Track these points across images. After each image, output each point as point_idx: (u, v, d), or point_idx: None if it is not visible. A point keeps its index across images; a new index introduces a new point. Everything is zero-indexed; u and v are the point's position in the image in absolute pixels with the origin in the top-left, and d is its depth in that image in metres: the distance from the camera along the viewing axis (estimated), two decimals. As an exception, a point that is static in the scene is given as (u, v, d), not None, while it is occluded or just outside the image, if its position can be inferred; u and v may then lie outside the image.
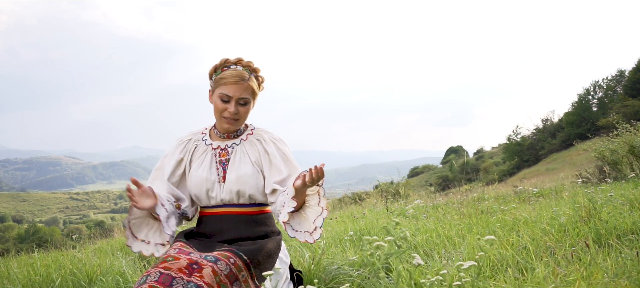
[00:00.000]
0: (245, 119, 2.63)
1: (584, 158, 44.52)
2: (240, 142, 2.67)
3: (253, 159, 2.62)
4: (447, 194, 19.86)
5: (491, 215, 5.61)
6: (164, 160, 2.71)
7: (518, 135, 68.73)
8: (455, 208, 6.90)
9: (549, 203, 6.66)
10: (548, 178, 30.63)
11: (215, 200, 2.62)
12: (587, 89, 66.67)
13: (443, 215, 6.00)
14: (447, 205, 8.37)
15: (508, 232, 4.06)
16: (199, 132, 2.78)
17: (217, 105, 2.58)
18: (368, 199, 12.92)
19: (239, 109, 2.57)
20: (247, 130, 2.73)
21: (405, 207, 8.19)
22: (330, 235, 4.74)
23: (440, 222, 4.94)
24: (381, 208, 8.83)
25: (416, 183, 56.15)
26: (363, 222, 5.99)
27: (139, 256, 4.65)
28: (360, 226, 5.25)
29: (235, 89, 2.54)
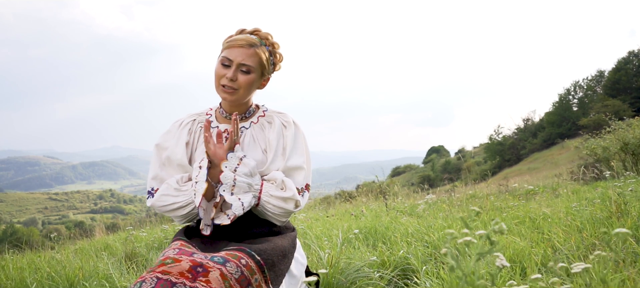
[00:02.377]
0: (247, 92, 2.23)
1: (565, 158, 44.92)
2: (250, 126, 2.30)
3: (263, 146, 2.26)
4: (429, 193, 19.61)
5: (500, 212, 5.32)
6: (169, 146, 2.29)
7: (499, 135, 69.26)
8: (458, 205, 6.60)
9: (556, 201, 6.42)
10: (531, 177, 30.67)
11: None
12: (567, 88, 67.37)
13: (449, 212, 5.68)
14: (442, 202, 8.07)
15: (530, 229, 3.74)
16: (203, 112, 2.39)
17: (217, 71, 2.20)
18: (358, 197, 12.60)
19: (238, 76, 2.18)
20: (259, 111, 2.35)
21: (402, 204, 7.87)
22: (335, 234, 4.39)
23: (449, 219, 4.61)
24: (375, 205, 8.53)
25: (398, 183, 55.95)
26: (363, 219, 5.65)
27: (125, 256, 4.25)
28: (363, 223, 4.90)
29: (238, 52, 2.18)
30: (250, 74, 2.19)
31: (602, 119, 13.11)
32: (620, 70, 58.55)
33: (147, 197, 2.22)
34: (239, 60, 2.16)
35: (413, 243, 3.59)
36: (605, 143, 13.00)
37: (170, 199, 2.15)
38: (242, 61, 2.17)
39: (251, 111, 2.33)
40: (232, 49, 2.18)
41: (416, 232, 4.02)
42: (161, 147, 2.28)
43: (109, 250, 4.75)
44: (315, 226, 5.25)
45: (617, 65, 59.69)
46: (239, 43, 2.18)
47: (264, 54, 2.23)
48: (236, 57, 2.16)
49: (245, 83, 2.18)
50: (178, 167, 2.23)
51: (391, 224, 4.53)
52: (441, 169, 70.62)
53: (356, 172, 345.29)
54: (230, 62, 2.17)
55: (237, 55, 2.17)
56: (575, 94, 66.76)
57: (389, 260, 3.18)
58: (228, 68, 2.17)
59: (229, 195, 2.07)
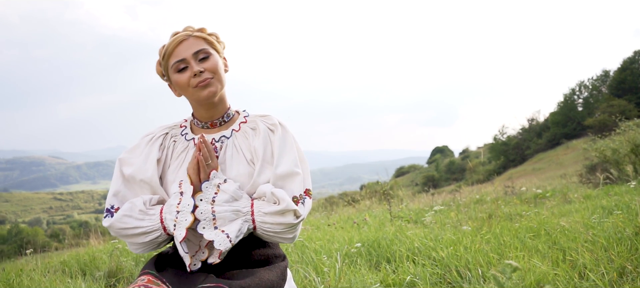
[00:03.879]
0: (221, 76, 1.91)
1: (570, 158, 44.60)
2: (231, 134, 1.97)
3: (248, 156, 1.92)
4: (434, 194, 19.33)
5: (511, 221, 5.03)
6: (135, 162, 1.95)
7: (504, 135, 68.83)
8: (465, 212, 6.30)
9: (569, 208, 6.12)
10: (536, 178, 30.37)
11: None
12: (572, 88, 66.96)
13: (457, 220, 5.37)
14: (449, 208, 7.76)
15: (547, 245, 3.43)
16: (177, 124, 2.06)
17: (179, 81, 1.89)
18: (362, 201, 12.28)
19: (202, 65, 1.87)
20: (240, 117, 2.02)
21: (407, 211, 7.57)
22: (334, 248, 4.08)
23: (458, 231, 4.30)
24: (379, 211, 8.23)
25: (402, 183, 55.85)
26: (366, 229, 5.34)
27: (108, 274, 3.95)
28: (366, 235, 4.59)
29: (184, 46, 1.88)
30: (211, 57, 1.89)
31: (607, 119, 12.82)
32: (626, 69, 58.13)
33: (105, 215, 1.88)
34: (191, 51, 1.87)
35: (420, 262, 3.27)
36: (614, 144, 12.68)
37: (132, 222, 1.82)
38: (194, 50, 1.87)
39: (230, 115, 2.01)
40: (177, 49, 1.88)
41: (423, 246, 3.71)
42: (125, 162, 1.94)
43: (94, 264, 4.45)
44: (315, 237, 4.94)
45: (622, 64, 59.26)
46: (178, 39, 1.88)
47: (203, 33, 1.93)
48: (186, 51, 1.87)
49: (213, 66, 1.88)
50: (144, 186, 1.90)
51: (396, 237, 4.22)
52: (445, 169, 70.35)
53: (360, 172, 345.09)
54: (184, 62, 1.87)
55: (185, 49, 1.87)
56: (581, 94, 66.34)
57: (394, 284, 2.87)
58: (186, 70, 1.87)
59: (210, 232, 1.76)
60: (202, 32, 1.92)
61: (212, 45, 1.92)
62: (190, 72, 1.84)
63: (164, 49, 1.91)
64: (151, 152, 1.96)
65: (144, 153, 1.96)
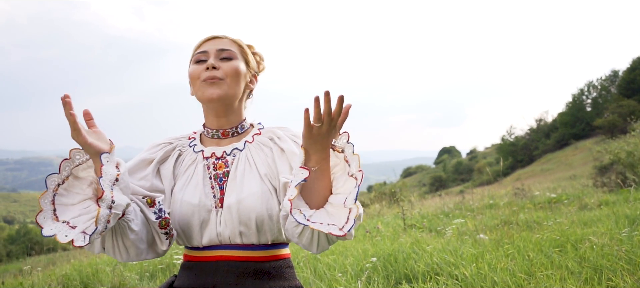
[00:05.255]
0: (236, 84, 1.72)
1: (579, 159, 44.26)
2: (244, 146, 1.76)
3: (263, 171, 1.70)
4: (442, 196, 19.13)
5: (531, 230, 4.82)
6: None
7: (512, 136, 68.46)
8: (479, 217, 6.09)
9: (589, 215, 5.90)
10: (545, 179, 30.07)
11: (209, 237, 1.68)
12: (581, 89, 66.55)
13: (474, 229, 5.16)
14: (462, 214, 7.55)
15: (576, 262, 3.21)
16: (185, 136, 1.87)
17: (192, 72, 1.73)
18: (371, 205, 12.07)
19: (220, 64, 1.70)
20: (253, 129, 1.82)
21: (420, 217, 7.36)
22: (348, 262, 3.87)
23: (477, 243, 4.09)
24: (390, 217, 8.03)
25: (410, 184, 55.70)
26: (379, 239, 5.13)
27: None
28: (381, 247, 4.38)
29: (214, 42, 1.74)
30: (234, 60, 1.72)
31: (617, 119, 12.61)
32: (635, 69, 57.60)
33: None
34: (216, 47, 1.72)
35: (443, 282, 3.07)
36: (629, 147, 12.44)
37: None
38: (220, 47, 1.72)
39: (244, 127, 1.81)
40: (204, 44, 1.74)
41: (443, 262, 3.50)
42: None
43: (97, 278, 4.26)
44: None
45: (631, 64, 58.75)
46: (209, 37, 1.75)
47: (242, 43, 1.79)
48: (211, 47, 1.72)
49: (230, 69, 1.70)
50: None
51: (413, 250, 4.01)
52: (453, 170, 70.12)
53: (367, 172, 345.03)
54: (205, 54, 1.71)
55: (211, 45, 1.73)
56: (589, 94, 65.86)
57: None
58: (204, 63, 1.71)
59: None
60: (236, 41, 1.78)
61: (243, 54, 1.76)
62: (206, 64, 1.69)
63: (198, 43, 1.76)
64: (140, 156, 1.77)
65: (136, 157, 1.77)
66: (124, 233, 1.57)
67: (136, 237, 1.59)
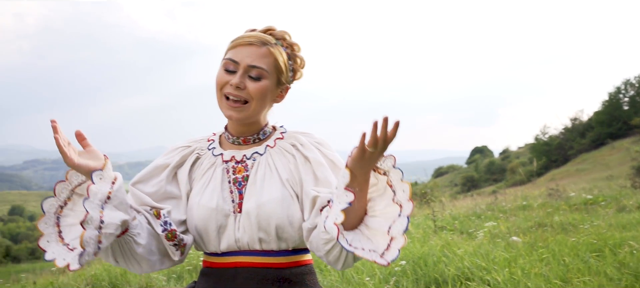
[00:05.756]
0: (260, 105, 1.64)
1: (616, 159, 43.27)
2: (265, 150, 1.70)
3: (284, 176, 1.64)
4: (473, 196, 18.89)
5: (566, 233, 4.67)
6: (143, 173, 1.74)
7: (546, 135, 67.25)
8: (511, 219, 5.94)
9: (629, 218, 5.70)
10: (580, 180, 29.42)
11: (227, 242, 1.64)
12: (618, 87, 65.01)
13: (506, 231, 5.02)
14: (494, 215, 7.39)
15: (616, 269, 3.08)
16: (204, 138, 1.81)
17: (218, 78, 1.63)
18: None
19: (246, 82, 1.60)
20: (276, 133, 1.76)
21: (450, 219, 7.22)
22: (376, 266, 3.79)
23: (510, 246, 3.97)
24: (421, 218, 7.90)
25: (441, 184, 55.27)
26: (409, 240, 5.04)
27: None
28: (410, 249, 4.29)
29: (247, 51, 1.60)
30: (263, 80, 1.61)
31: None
32: (675, 67, 56.03)
33: None
34: (248, 61, 1.59)
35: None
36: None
37: None
38: (252, 63, 1.59)
39: (266, 132, 1.74)
40: (239, 49, 1.61)
41: (475, 266, 3.39)
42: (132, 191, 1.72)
43: (125, 278, 4.27)
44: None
45: (671, 62, 57.19)
46: (247, 40, 1.61)
47: (281, 55, 1.65)
48: (244, 57, 1.59)
49: (257, 92, 1.60)
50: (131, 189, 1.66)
51: (443, 253, 3.91)
52: (485, 170, 69.24)
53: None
54: (235, 65, 1.60)
55: (245, 55, 1.60)
56: (627, 92, 64.30)
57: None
58: (233, 74, 1.60)
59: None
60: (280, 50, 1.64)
61: (277, 68, 1.64)
62: (233, 79, 1.59)
63: (235, 38, 1.66)
64: (157, 161, 1.73)
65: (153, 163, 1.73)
66: (130, 247, 1.54)
67: (144, 250, 1.55)
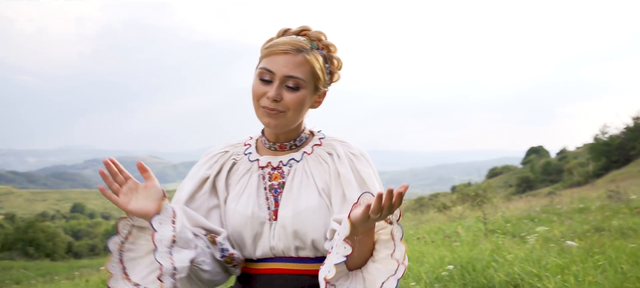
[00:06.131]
0: (297, 115, 1.60)
1: (682, 160, 41.37)
2: (302, 157, 1.67)
3: (320, 185, 1.61)
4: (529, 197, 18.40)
5: (625, 238, 4.46)
6: (184, 182, 1.72)
7: (605, 135, 64.95)
8: (567, 222, 5.73)
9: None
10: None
11: (262, 249, 1.62)
12: (684, 84, 62.16)
13: (560, 235, 4.85)
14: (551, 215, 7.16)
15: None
16: (241, 142, 1.78)
17: (255, 88, 1.59)
18: (453, 207, 11.72)
19: (283, 93, 1.56)
20: (314, 139, 1.72)
21: (503, 222, 7.03)
22: (422, 269, 3.72)
23: (564, 251, 3.82)
24: (472, 221, 7.73)
25: (495, 184, 54.11)
26: (458, 244, 4.92)
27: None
28: (459, 253, 4.18)
29: (282, 61, 1.54)
30: (300, 90, 1.56)
31: None
32: None
33: None
34: (284, 72, 1.54)
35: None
36: None
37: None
38: (288, 73, 1.54)
39: (303, 138, 1.70)
40: (274, 57, 1.56)
41: (525, 273, 3.28)
42: (179, 188, 1.71)
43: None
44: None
45: None
46: (281, 48, 1.55)
47: (317, 61, 1.59)
48: (279, 67, 1.54)
49: (293, 103, 1.56)
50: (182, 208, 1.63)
51: (492, 258, 3.80)
52: (541, 171, 67.45)
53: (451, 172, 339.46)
54: (271, 75, 1.55)
55: (280, 65, 1.55)
56: (693, 89, 61.42)
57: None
58: (269, 83, 1.56)
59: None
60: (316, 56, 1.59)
61: (314, 78, 1.59)
62: (269, 90, 1.55)
63: (268, 43, 1.62)
64: (199, 172, 1.71)
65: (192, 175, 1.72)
66: (197, 275, 1.55)
67: (210, 274, 1.56)
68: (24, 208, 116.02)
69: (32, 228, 44.84)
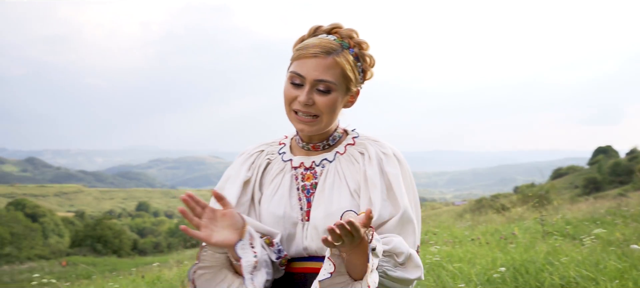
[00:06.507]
0: (331, 118, 1.59)
1: None
2: (335, 157, 1.65)
3: (353, 185, 1.59)
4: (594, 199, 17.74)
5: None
6: (225, 185, 1.71)
7: (680, 134, 61.92)
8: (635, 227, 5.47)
9: None
10: None
11: (296, 249, 1.61)
12: None
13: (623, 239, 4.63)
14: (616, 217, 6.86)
15: None
16: (275, 141, 1.79)
17: (286, 92, 1.58)
18: (513, 209, 11.41)
19: (314, 97, 1.55)
20: (347, 138, 1.70)
21: (563, 223, 6.79)
22: (473, 272, 3.63)
23: (626, 255, 3.64)
24: (531, 222, 7.49)
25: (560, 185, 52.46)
26: (514, 246, 4.78)
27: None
28: (513, 255, 4.06)
29: (312, 64, 1.53)
30: (331, 93, 1.55)
31: None
32: None
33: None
34: (314, 76, 1.53)
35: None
36: None
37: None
38: (318, 77, 1.53)
39: (337, 138, 1.69)
40: (303, 61, 1.55)
41: (581, 276, 3.15)
42: (220, 190, 1.70)
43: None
44: (455, 255, 4.50)
45: None
46: (311, 51, 1.54)
47: (348, 62, 1.57)
48: (310, 71, 1.53)
49: (325, 106, 1.55)
50: None
51: (547, 260, 3.67)
52: (609, 171, 64.94)
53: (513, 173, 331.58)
54: (301, 79, 1.55)
55: (310, 69, 1.53)
56: None
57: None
58: (300, 88, 1.55)
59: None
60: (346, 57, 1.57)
61: (345, 80, 1.58)
62: (301, 94, 1.55)
63: (298, 44, 1.62)
64: (239, 174, 1.70)
65: (233, 175, 1.72)
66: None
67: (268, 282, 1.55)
68: (93, 206, 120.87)
69: (100, 226, 46.63)
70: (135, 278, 6.19)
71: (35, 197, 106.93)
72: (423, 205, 36.98)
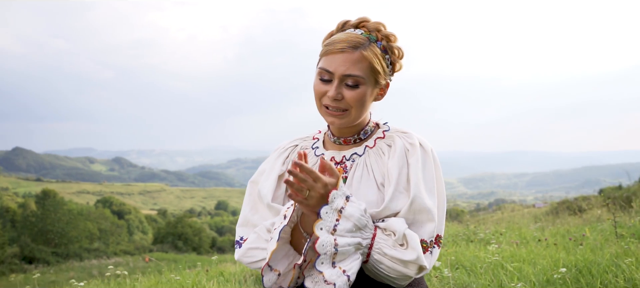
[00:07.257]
0: (360, 111, 1.61)
1: None
2: (364, 151, 1.68)
3: (379, 179, 1.61)
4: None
5: None
6: (260, 178, 1.77)
7: None
8: None
9: None
10: None
11: None
12: None
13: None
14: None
15: None
16: (309, 136, 1.84)
17: (316, 87, 1.62)
18: (590, 210, 10.93)
19: (343, 92, 1.58)
20: (378, 132, 1.72)
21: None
22: (533, 272, 3.53)
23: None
24: (607, 224, 7.16)
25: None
26: (583, 247, 4.60)
27: None
28: (579, 256, 3.91)
29: (340, 60, 1.56)
30: (360, 87, 1.58)
31: None
32: None
33: (235, 247, 1.71)
34: (342, 71, 1.56)
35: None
36: None
37: (259, 254, 1.61)
38: (346, 72, 1.56)
39: (368, 132, 1.71)
40: (331, 56, 1.58)
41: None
42: (254, 182, 1.77)
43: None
44: (517, 255, 4.38)
45: None
46: (338, 47, 1.57)
47: (375, 55, 1.59)
48: (337, 67, 1.56)
49: (354, 100, 1.58)
50: (271, 209, 1.66)
51: (613, 262, 3.51)
52: None
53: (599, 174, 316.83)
54: (330, 74, 1.58)
55: (338, 64, 1.56)
56: None
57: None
58: (329, 83, 1.59)
59: (329, 269, 1.45)
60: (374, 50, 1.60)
61: (373, 73, 1.60)
62: (330, 89, 1.59)
63: (326, 40, 1.66)
64: (274, 167, 1.76)
65: (268, 169, 1.77)
66: None
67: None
68: (175, 204, 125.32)
69: (181, 224, 48.27)
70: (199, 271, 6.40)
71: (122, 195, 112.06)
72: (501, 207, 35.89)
